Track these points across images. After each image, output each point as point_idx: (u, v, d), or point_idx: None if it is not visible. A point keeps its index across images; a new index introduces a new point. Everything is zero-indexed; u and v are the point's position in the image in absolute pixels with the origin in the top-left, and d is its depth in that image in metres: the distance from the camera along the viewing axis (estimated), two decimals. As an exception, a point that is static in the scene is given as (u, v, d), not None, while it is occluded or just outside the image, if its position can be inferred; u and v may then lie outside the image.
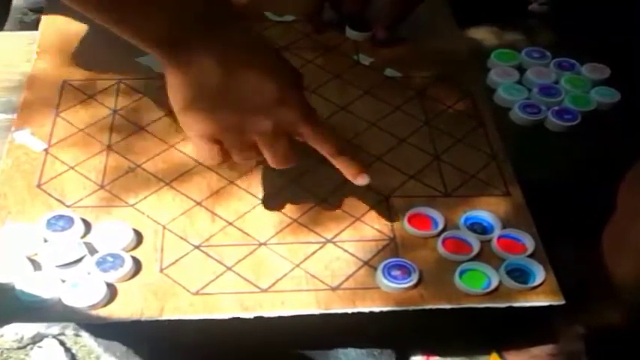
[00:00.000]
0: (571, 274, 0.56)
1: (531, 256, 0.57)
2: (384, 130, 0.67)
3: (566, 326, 0.61)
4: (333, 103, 0.69)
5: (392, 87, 0.71)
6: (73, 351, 0.58)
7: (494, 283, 0.54)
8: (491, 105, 0.72)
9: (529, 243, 0.57)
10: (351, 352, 0.61)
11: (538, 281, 0.55)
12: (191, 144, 0.55)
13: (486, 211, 0.59)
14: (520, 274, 0.55)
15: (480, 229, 0.58)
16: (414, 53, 0.75)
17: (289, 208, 0.59)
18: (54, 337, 0.59)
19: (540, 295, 0.54)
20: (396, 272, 0.54)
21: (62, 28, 0.74)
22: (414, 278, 0.54)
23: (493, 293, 0.54)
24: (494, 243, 0.57)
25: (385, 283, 0.53)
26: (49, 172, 0.60)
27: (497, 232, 0.58)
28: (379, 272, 0.54)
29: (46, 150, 0.62)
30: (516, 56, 0.78)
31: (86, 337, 0.59)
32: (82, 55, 0.72)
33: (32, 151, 0.61)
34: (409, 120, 0.68)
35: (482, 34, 0.83)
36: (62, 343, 0.58)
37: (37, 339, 0.60)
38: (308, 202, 0.59)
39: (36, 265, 0.52)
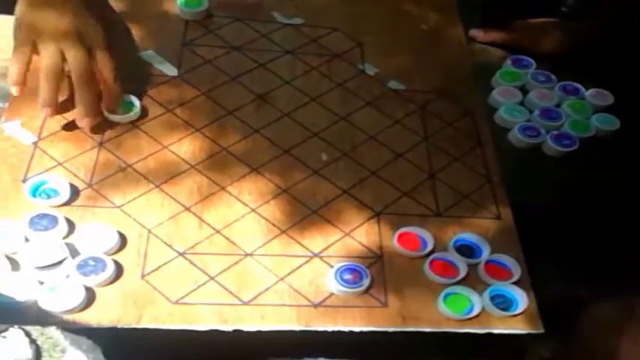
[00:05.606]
0: (550, 296, 0.56)
1: (517, 282, 0.56)
2: (382, 143, 0.66)
3: (532, 347, 0.62)
4: (333, 113, 0.68)
5: (394, 100, 0.70)
6: (39, 342, 0.57)
7: (477, 309, 0.54)
8: (492, 125, 0.72)
9: (515, 269, 0.57)
10: (320, 361, 0.61)
11: (520, 309, 0.55)
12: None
13: (476, 235, 0.59)
14: (503, 301, 0.55)
15: (468, 252, 0.58)
16: (419, 66, 0.74)
17: (279, 219, 0.58)
18: (19, 327, 0.57)
19: (520, 322, 0.54)
20: (347, 276, 0.54)
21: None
22: (365, 284, 0.54)
23: (474, 318, 0.54)
24: (482, 268, 0.57)
25: (336, 286, 0.53)
26: (36, 167, 0.58)
27: (485, 256, 0.58)
28: (331, 273, 0.54)
29: (35, 143, 0.60)
30: (521, 76, 0.76)
31: (53, 330, 0.57)
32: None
33: (21, 144, 0.60)
34: (408, 135, 0.67)
35: (490, 50, 0.82)
36: (28, 334, 0.57)
37: (1, 328, 0.58)
38: (298, 214, 0.59)
39: (14, 265, 0.51)
